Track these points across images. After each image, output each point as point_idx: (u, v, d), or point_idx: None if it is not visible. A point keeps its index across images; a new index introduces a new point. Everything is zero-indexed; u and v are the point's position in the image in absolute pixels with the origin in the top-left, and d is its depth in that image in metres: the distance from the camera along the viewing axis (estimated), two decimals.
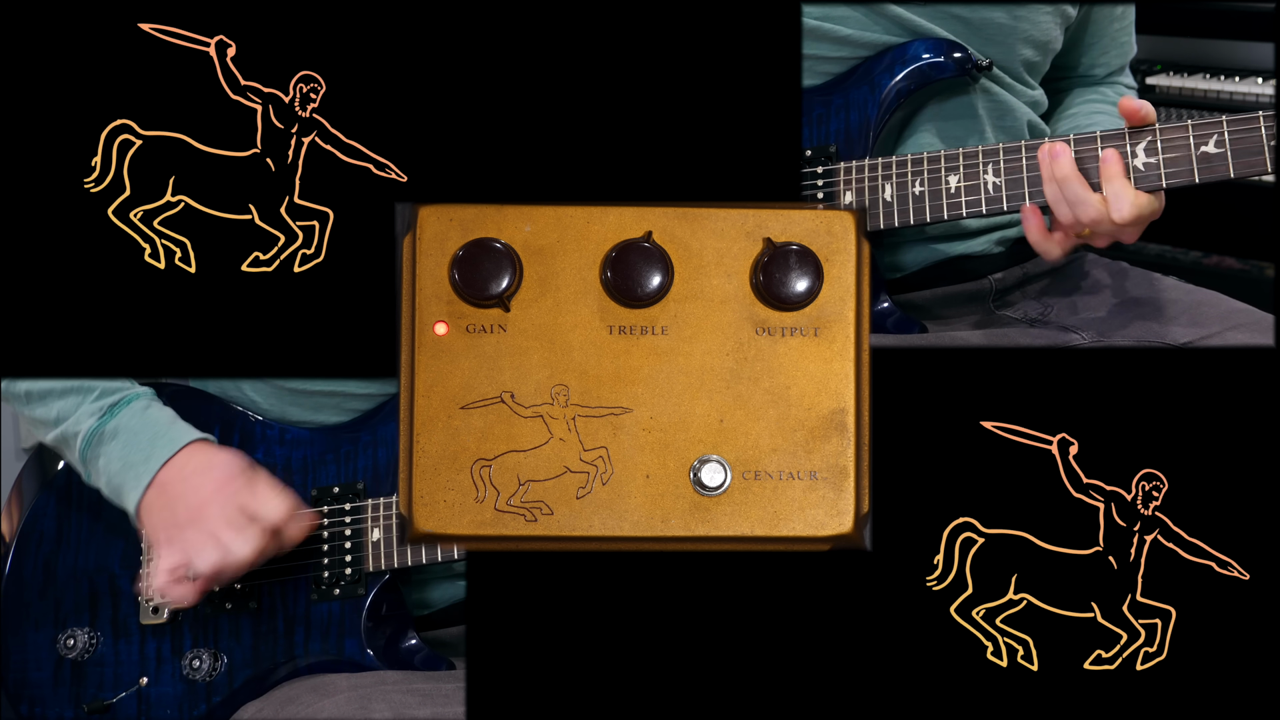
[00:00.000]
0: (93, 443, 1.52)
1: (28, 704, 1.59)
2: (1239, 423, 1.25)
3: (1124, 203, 1.57)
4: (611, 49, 1.29)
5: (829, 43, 1.76)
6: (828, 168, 1.74)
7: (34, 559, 1.60)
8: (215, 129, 1.31)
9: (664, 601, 1.23)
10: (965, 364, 1.27)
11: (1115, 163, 1.57)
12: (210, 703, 1.56)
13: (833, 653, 1.24)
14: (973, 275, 1.84)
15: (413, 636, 1.59)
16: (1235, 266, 2.68)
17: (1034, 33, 1.78)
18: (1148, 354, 1.54)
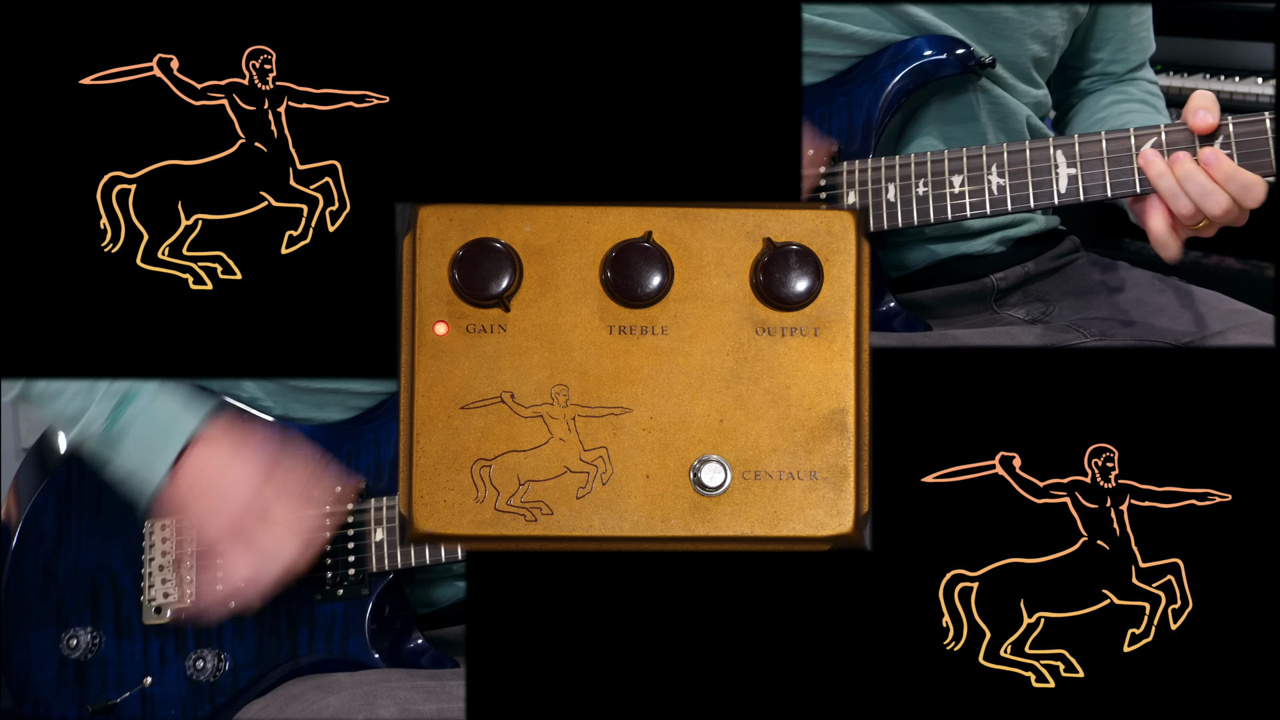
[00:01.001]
0: (105, 442, 1.51)
1: (32, 704, 1.59)
2: (1239, 423, 1.25)
3: (1257, 189, 1.54)
4: (611, 49, 1.29)
5: (834, 40, 1.75)
6: (830, 168, 1.74)
7: (34, 558, 1.60)
8: (195, 140, 1.32)
9: (664, 601, 1.23)
10: (965, 364, 1.27)
11: (1224, 158, 1.54)
12: (214, 703, 1.56)
13: (833, 653, 1.24)
14: (974, 275, 1.84)
15: (418, 636, 1.59)
16: (1235, 266, 2.68)
17: (1042, 28, 1.78)
18: (1148, 354, 1.54)
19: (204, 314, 1.32)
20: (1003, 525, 1.25)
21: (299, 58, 1.31)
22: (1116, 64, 1.93)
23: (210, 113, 1.31)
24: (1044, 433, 1.26)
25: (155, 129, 1.31)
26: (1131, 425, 1.26)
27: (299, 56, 1.31)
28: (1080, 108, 1.94)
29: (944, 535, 1.25)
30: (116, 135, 1.31)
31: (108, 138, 1.31)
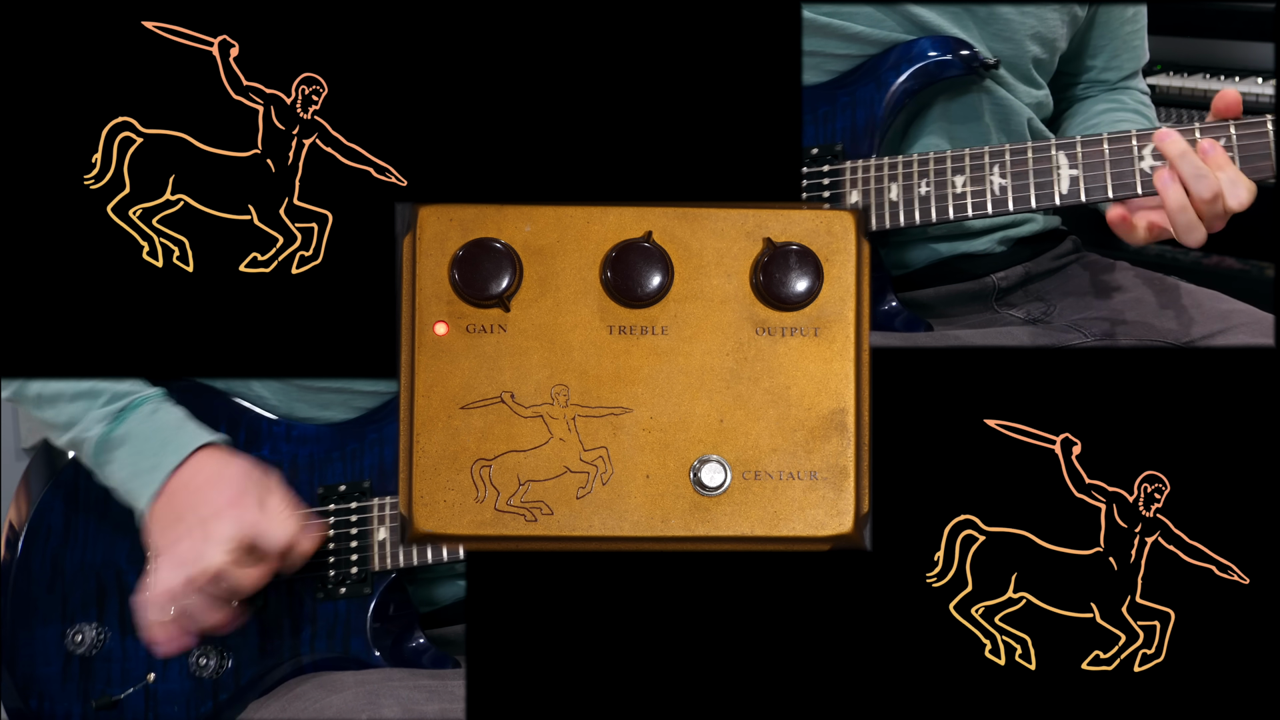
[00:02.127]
0: (102, 449, 1.52)
1: (36, 699, 1.59)
2: (1239, 423, 1.25)
3: (1241, 188, 1.54)
4: (611, 49, 1.29)
5: (839, 39, 1.75)
6: (834, 166, 1.74)
7: (42, 554, 1.61)
8: (216, 129, 1.32)
9: (664, 601, 1.23)
10: (965, 364, 1.27)
11: (1220, 150, 1.55)
12: (217, 700, 1.56)
13: (833, 653, 1.24)
14: (975, 274, 1.84)
15: (420, 635, 1.59)
16: (1235, 266, 2.67)
17: (1042, 29, 1.78)
18: (1148, 354, 1.54)
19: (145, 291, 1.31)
20: (1032, 499, 1.25)
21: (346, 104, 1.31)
22: (1110, 71, 1.93)
23: (242, 111, 1.31)
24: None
25: (185, 100, 1.31)
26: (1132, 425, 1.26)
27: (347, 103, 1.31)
28: (1073, 114, 1.94)
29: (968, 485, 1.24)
30: (147, 86, 1.30)
31: (138, 84, 1.30)
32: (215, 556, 1.43)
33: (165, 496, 1.48)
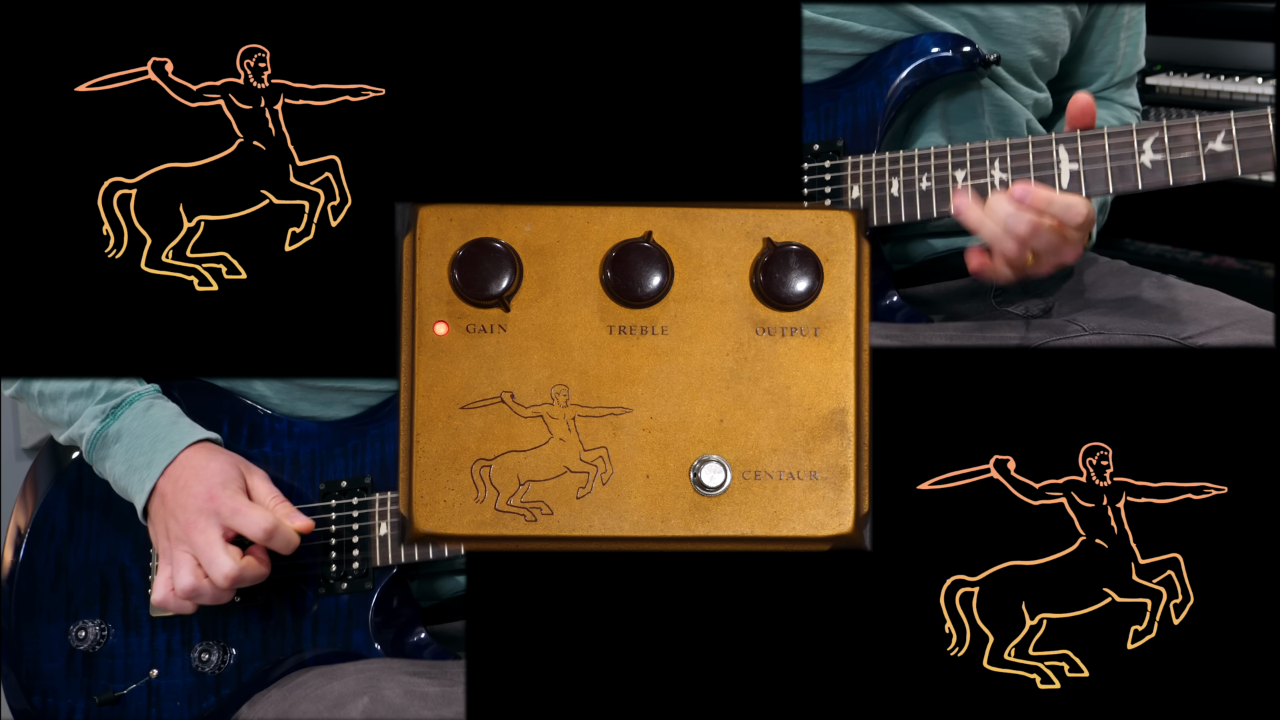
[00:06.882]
0: (97, 445, 1.53)
1: (40, 695, 1.60)
2: (1239, 422, 1.25)
3: (1079, 207, 1.57)
4: (611, 49, 1.29)
5: (841, 38, 1.76)
6: (835, 162, 1.74)
7: (46, 551, 1.61)
8: (193, 142, 1.32)
9: (664, 602, 1.23)
10: (965, 364, 1.27)
11: (1037, 189, 1.57)
12: (219, 695, 1.57)
13: (833, 653, 1.24)
14: None
15: (420, 630, 1.59)
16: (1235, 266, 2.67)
17: (1043, 33, 1.79)
18: (1148, 352, 1.54)
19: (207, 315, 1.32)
20: (1001, 528, 1.25)
21: (293, 54, 1.30)
22: (1103, 78, 1.93)
23: (207, 113, 1.31)
24: (1044, 432, 1.26)
25: (153, 132, 1.31)
26: (1130, 423, 1.26)
27: (293, 53, 1.30)
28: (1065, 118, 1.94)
29: (942, 540, 1.25)
30: (115, 140, 1.31)
31: (106, 143, 1.31)
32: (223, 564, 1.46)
33: (159, 497, 1.50)
